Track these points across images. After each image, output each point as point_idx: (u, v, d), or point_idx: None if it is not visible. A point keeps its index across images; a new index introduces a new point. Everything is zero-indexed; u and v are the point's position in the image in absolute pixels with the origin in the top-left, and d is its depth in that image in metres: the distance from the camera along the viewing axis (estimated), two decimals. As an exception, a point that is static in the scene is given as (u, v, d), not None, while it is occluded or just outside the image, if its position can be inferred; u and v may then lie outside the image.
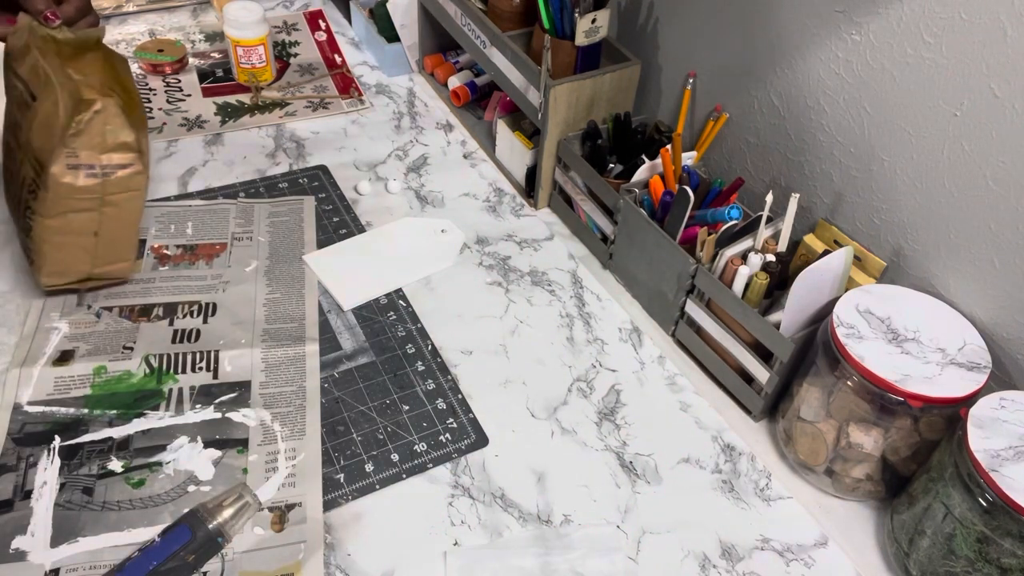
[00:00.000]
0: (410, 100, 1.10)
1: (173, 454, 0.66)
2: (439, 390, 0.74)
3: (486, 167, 1.01)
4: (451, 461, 0.69)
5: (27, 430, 0.66)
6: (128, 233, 0.75)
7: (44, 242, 0.72)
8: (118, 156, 0.70)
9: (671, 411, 0.75)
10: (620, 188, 0.82)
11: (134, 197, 0.73)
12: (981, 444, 0.56)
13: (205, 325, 0.76)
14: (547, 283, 0.87)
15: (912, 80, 0.66)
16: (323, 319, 0.79)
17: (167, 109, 1.03)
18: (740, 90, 0.83)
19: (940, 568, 0.60)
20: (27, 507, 0.61)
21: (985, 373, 0.62)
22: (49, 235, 0.71)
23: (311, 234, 0.88)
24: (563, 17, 0.85)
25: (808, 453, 0.69)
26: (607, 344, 0.81)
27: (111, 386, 0.70)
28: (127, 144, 0.70)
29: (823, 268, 0.68)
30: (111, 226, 0.73)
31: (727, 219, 0.74)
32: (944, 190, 0.66)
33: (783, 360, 0.69)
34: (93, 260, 0.74)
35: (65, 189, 0.69)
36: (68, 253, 0.73)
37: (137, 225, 0.75)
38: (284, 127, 1.03)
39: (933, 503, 0.60)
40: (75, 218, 0.71)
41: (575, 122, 0.89)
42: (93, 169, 0.69)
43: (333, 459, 0.68)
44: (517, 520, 0.66)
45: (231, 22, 1.01)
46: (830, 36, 0.71)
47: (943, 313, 0.67)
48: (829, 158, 0.76)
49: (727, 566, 0.64)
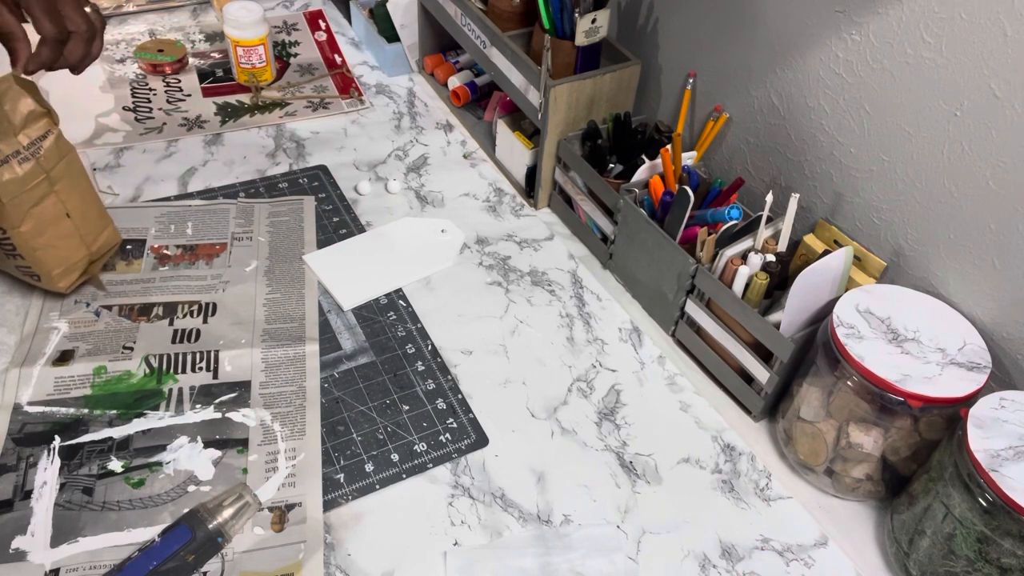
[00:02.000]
0: (410, 100, 1.10)
1: (173, 454, 0.66)
2: (439, 390, 0.74)
3: (486, 167, 1.01)
4: (451, 461, 0.69)
5: (27, 430, 0.66)
6: (91, 197, 0.74)
7: (33, 251, 0.71)
8: (33, 129, 0.67)
9: (671, 411, 0.75)
10: (620, 188, 0.82)
11: (72, 159, 0.71)
12: (981, 444, 0.56)
13: (205, 325, 0.76)
14: (547, 283, 0.87)
15: (912, 80, 0.66)
16: (323, 319, 0.79)
17: (167, 109, 1.03)
18: (740, 90, 0.83)
19: (940, 568, 0.60)
20: (27, 507, 0.61)
21: (985, 373, 0.62)
22: (32, 240, 0.70)
23: (311, 234, 0.88)
24: (563, 17, 0.85)
25: (808, 453, 0.69)
26: (607, 344, 0.81)
27: (111, 386, 0.70)
28: (33, 112, 0.67)
29: (823, 268, 0.68)
30: (74, 199, 0.72)
31: (727, 219, 0.74)
32: (944, 190, 0.66)
33: (783, 360, 0.69)
34: (84, 240, 0.74)
35: (13, 186, 0.66)
36: (60, 247, 0.72)
37: (90, 183, 0.74)
38: (284, 127, 1.03)
39: (933, 503, 0.60)
40: (41, 210, 0.69)
41: (575, 122, 0.89)
42: (20, 154, 0.67)
43: (333, 459, 0.68)
44: (517, 520, 0.66)
45: (231, 22, 1.01)
46: (830, 36, 0.71)
47: (943, 313, 0.67)
48: (829, 158, 0.76)
49: (727, 566, 0.64)
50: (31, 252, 0.71)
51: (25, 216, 0.68)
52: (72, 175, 0.71)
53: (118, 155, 0.95)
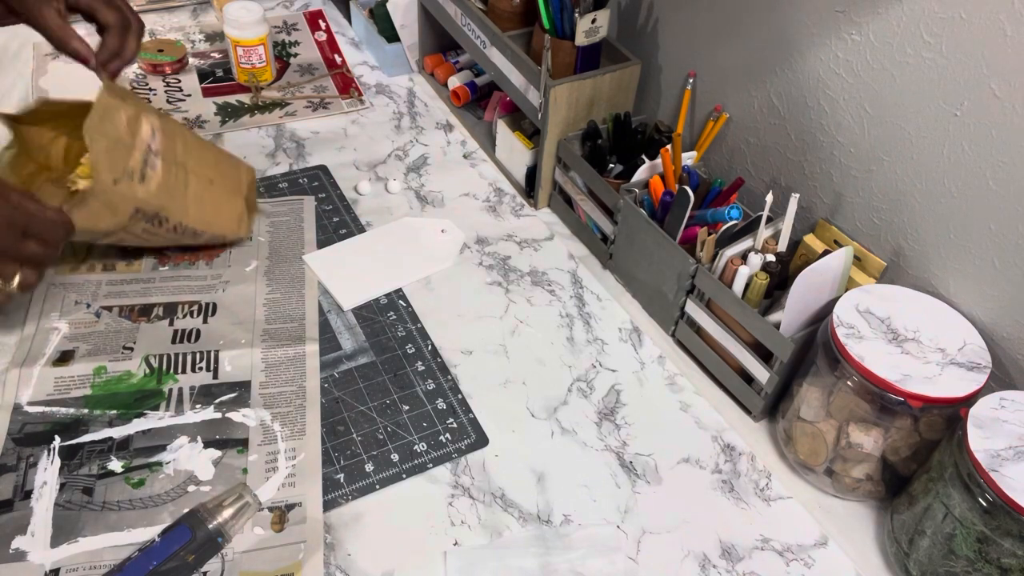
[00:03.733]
0: (410, 100, 1.10)
1: (173, 454, 0.66)
2: (439, 390, 0.74)
3: (486, 167, 1.01)
4: (451, 461, 0.69)
5: (27, 430, 0.66)
6: (213, 154, 0.81)
7: (209, 225, 0.78)
8: (142, 130, 0.70)
9: (671, 411, 0.75)
10: (620, 188, 0.82)
11: (181, 134, 0.76)
12: (981, 444, 0.56)
13: (205, 325, 0.76)
14: (547, 283, 0.87)
15: (912, 80, 0.66)
16: (323, 319, 0.79)
17: (167, 109, 1.03)
18: (740, 90, 0.83)
19: (940, 568, 0.60)
20: (27, 507, 0.61)
21: (985, 373, 0.61)
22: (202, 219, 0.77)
23: (311, 234, 0.88)
24: (563, 17, 0.85)
25: (808, 453, 0.69)
26: (607, 344, 0.81)
27: (111, 386, 0.70)
28: (131, 116, 0.70)
29: (823, 268, 0.68)
30: (206, 167, 0.78)
31: (727, 219, 0.74)
32: (944, 190, 0.66)
33: (783, 360, 0.69)
34: (234, 191, 0.82)
35: (162, 190, 0.72)
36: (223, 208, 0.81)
37: (204, 141, 0.80)
38: (284, 127, 1.03)
39: (933, 503, 0.60)
40: (193, 193, 0.75)
41: (575, 122, 0.89)
42: (147, 161, 0.70)
43: (333, 459, 0.68)
44: (517, 520, 0.66)
45: (231, 22, 1.01)
46: (830, 36, 0.71)
47: (943, 313, 0.67)
48: (829, 158, 0.76)
49: (727, 566, 0.64)
50: (208, 227, 0.77)
51: (186, 204, 0.74)
52: (190, 148, 0.75)
53: (118, 155, 0.95)
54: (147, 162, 0.70)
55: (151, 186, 0.71)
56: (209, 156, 0.79)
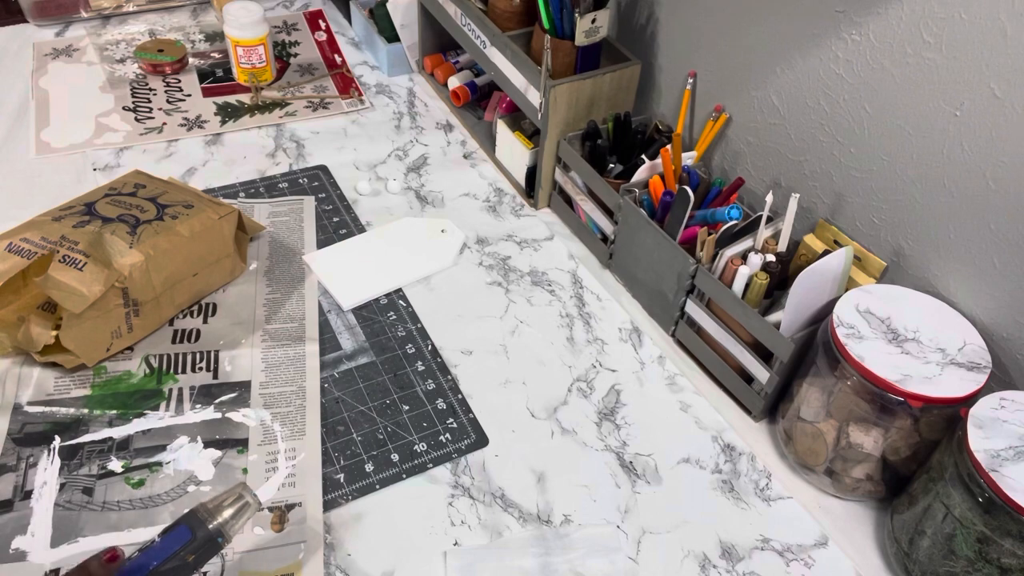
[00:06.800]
0: (410, 100, 1.10)
1: (173, 454, 0.66)
2: (439, 390, 0.74)
3: (486, 167, 1.01)
4: (451, 461, 0.69)
5: (27, 430, 0.66)
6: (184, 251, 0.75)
7: (211, 288, 0.79)
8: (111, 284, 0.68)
9: (671, 411, 0.75)
10: (620, 188, 0.82)
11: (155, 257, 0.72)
12: (981, 444, 0.56)
13: (205, 325, 0.76)
14: (547, 283, 0.87)
15: (912, 80, 0.66)
16: (323, 319, 0.79)
17: (167, 109, 1.03)
18: (740, 90, 0.83)
19: (940, 568, 0.60)
20: (27, 507, 0.61)
21: (985, 373, 0.61)
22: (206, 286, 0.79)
23: (311, 234, 0.88)
24: (563, 17, 0.85)
25: (808, 453, 0.69)
26: (607, 344, 0.81)
27: (111, 386, 0.70)
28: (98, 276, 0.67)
29: (823, 268, 0.68)
30: (177, 260, 0.74)
31: (727, 219, 0.74)
32: (944, 190, 0.66)
33: (783, 360, 0.69)
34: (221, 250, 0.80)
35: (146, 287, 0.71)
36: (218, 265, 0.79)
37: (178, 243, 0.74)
38: (284, 127, 1.03)
39: (933, 503, 0.60)
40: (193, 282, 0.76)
41: (575, 122, 0.89)
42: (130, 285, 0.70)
43: (333, 459, 0.68)
44: (517, 520, 0.66)
45: (231, 22, 1.01)
46: (830, 36, 0.71)
47: (943, 313, 0.67)
48: (829, 158, 0.76)
49: (727, 566, 0.64)
50: (202, 294, 0.79)
51: (178, 302, 0.76)
52: (169, 256, 0.72)
53: (118, 155, 0.95)
54: (127, 319, 0.71)
55: (136, 332, 0.73)
56: (191, 250, 0.74)
